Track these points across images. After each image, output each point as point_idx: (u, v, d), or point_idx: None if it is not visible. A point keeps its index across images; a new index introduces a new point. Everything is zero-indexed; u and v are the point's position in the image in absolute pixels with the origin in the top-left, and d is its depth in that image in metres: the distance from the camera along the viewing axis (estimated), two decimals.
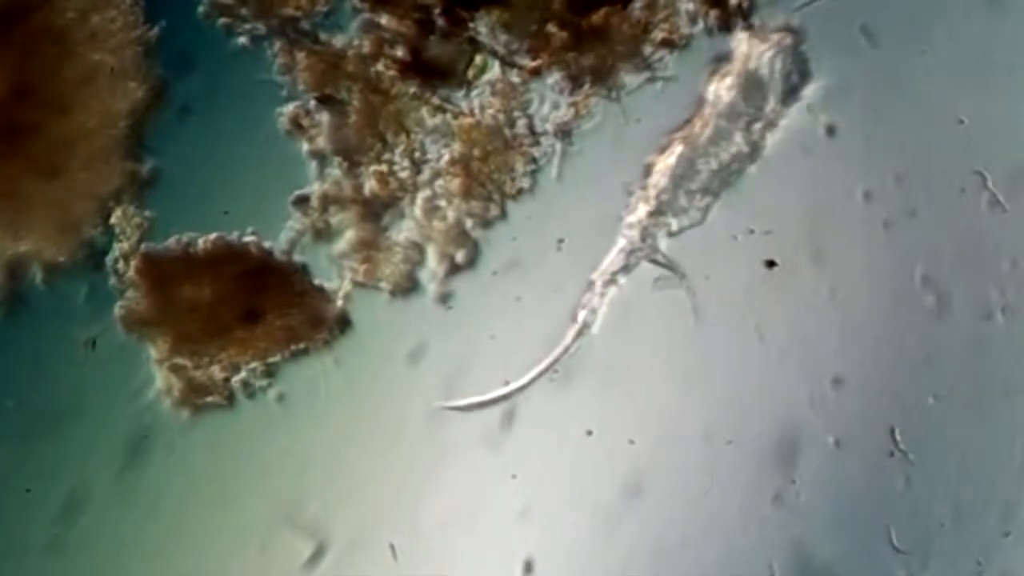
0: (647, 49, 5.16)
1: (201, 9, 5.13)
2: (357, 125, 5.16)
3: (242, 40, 5.14)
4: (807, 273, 5.16)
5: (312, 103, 5.15)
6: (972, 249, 5.16)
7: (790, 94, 5.16)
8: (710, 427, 5.12)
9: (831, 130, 5.18)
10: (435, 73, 5.17)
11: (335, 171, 5.17)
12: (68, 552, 5.01)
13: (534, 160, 5.19)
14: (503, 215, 5.19)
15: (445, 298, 5.16)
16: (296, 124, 5.15)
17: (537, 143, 5.19)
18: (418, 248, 5.18)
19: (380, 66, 5.15)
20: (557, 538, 5.12)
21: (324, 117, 5.15)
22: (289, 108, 5.15)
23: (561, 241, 5.16)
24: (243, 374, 5.11)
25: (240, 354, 5.10)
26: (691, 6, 5.18)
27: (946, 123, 5.17)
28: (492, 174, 5.18)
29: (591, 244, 5.19)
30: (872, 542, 5.12)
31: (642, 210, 5.14)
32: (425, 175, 5.18)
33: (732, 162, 5.14)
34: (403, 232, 5.18)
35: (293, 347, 5.12)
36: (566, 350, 5.11)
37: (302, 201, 5.16)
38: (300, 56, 5.14)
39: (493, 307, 5.16)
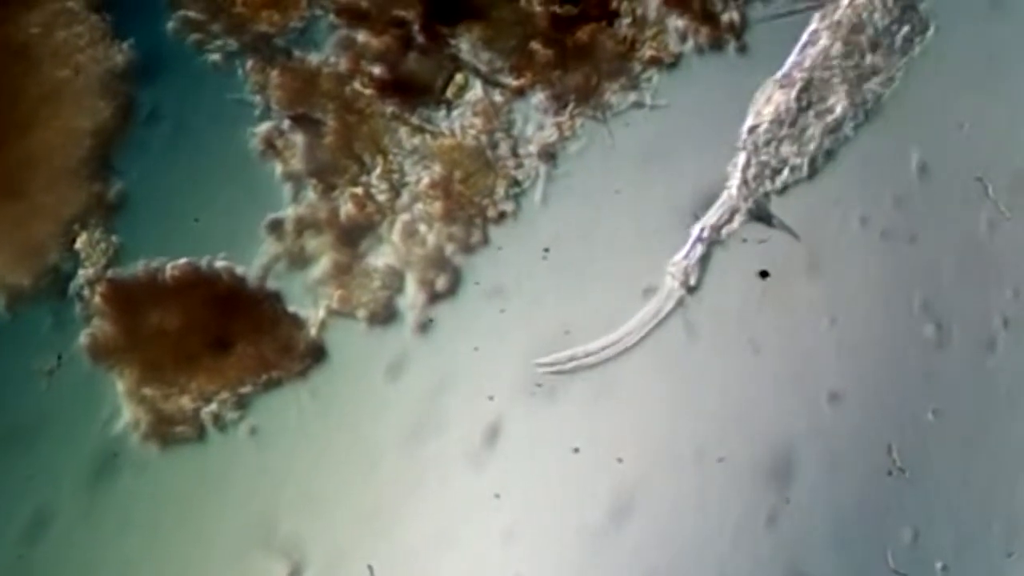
0: (634, 68, 5.03)
1: (171, 25, 5.04)
2: (333, 146, 5.05)
3: (213, 57, 5.04)
4: (802, 284, 5.08)
5: (286, 123, 5.05)
6: (973, 258, 5.10)
7: (902, 47, 5.03)
8: (701, 444, 5.02)
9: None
10: (414, 92, 5.07)
11: (310, 194, 5.06)
12: (33, 574, 4.87)
13: (517, 183, 5.08)
14: (485, 240, 5.07)
15: (425, 326, 5.01)
16: (269, 145, 5.05)
17: (520, 165, 5.09)
18: (397, 274, 5.06)
19: (357, 84, 5.05)
20: (542, 560, 5.00)
21: (298, 137, 5.05)
22: (262, 128, 5.05)
23: (547, 250, 5.03)
24: (214, 406, 4.98)
25: (210, 385, 4.97)
26: (681, 24, 5.06)
27: (945, 128, 5.09)
28: (474, 197, 5.07)
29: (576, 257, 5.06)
30: (869, 564, 5.02)
31: (741, 158, 5.03)
32: (404, 198, 5.08)
33: (838, 118, 5.01)
34: (381, 258, 5.07)
35: (266, 378, 4.99)
36: (670, 312, 5.00)
37: (276, 225, 5.05)
38: (274, 74, 5.04)
39: (476, 325, 5.04)
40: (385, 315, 5.03)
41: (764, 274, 5.06)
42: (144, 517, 4.91)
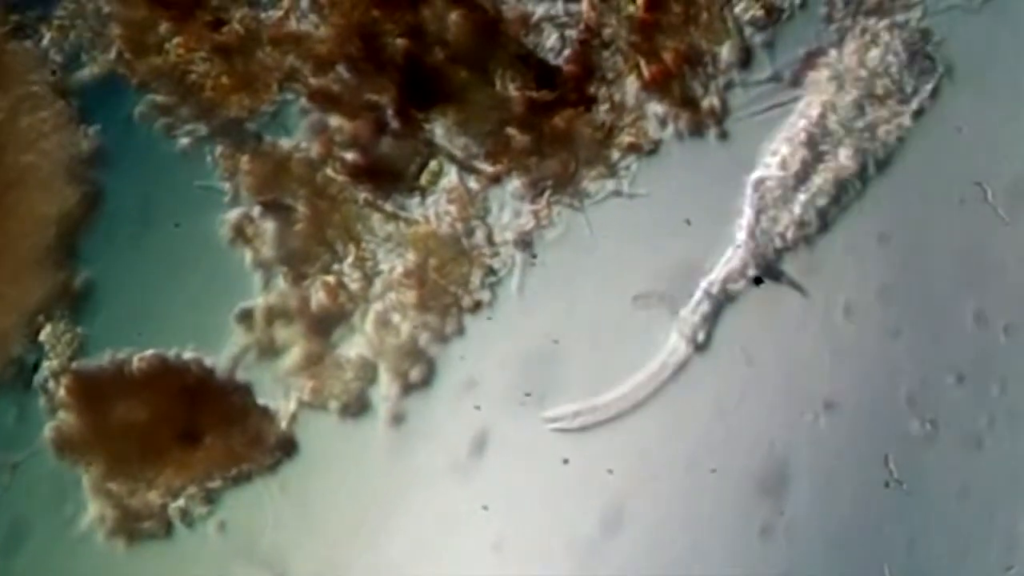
0: (613, 154, 4.95)
1: (138, 110, 4.97)
2: (304, 233, 4.97)
3: (182, 142, 4.96)
4: (796, 291, 4.99)
5: (256, 210, 4.98)
6: (972, 263, 5.01)
7: (910, 95, 4.96)
8: (693, 455, 4.96)
9: None
10: (388, 178, 4.99)
11: (281, 282, 4.98)
12: None
13: (493, 271, 4.98)
14: (460, 330, 4.98)
15: (398, 419, 4.92)
16: (239, 232, 4.97)
17: (496, 254, 4.99)
18: (369, 365, 4.97)
19: (329, 170, 4.97)
20: (531, 573, 4.94)
21: (269, 225, 4.97)
22: (232, 215, 4.98)
23: (534, 256, 4.95)
24: (181, 501, 4.90)
25: (178, 479, 4.89)
26: (660, 109, 4.96)
27: (944, 132, 5.01)
28: (448, 286, 4.98)
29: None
30: None
31: (750, 217, 4.97)
32: (377, 287, 4.99)
33: (847, 169, 4.95)
34: (353, 348, 4.98)
35: (235, 472, 4.92)
36: (677, 368, 4.94)
37: (246, 315, 4.97)
38: (244, 160, 4.97)
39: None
40: (357, 407, 4.95)
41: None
42: None
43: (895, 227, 5.01)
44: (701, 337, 4.95)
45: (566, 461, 4.94)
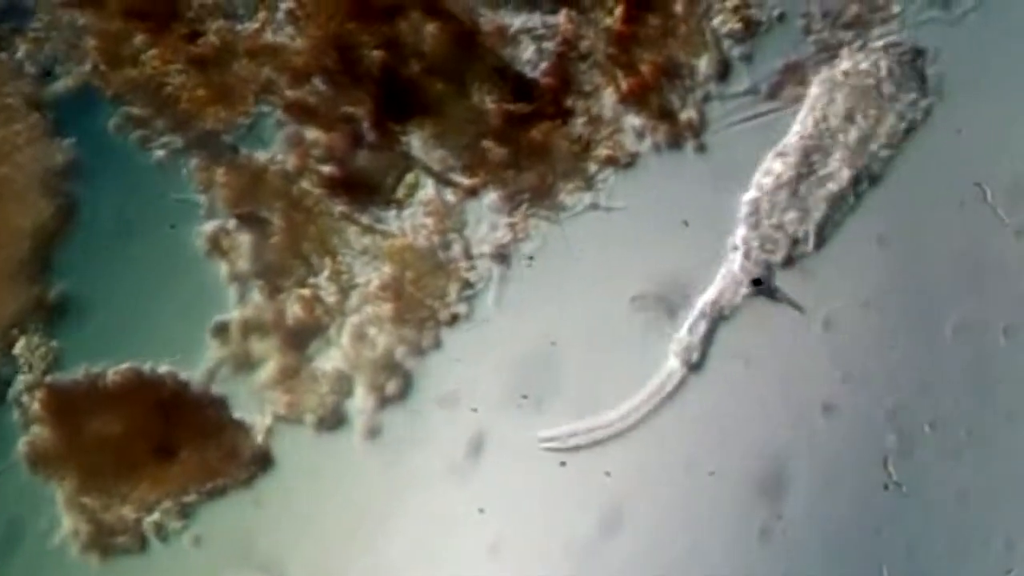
0: (590, 167, 4.92)
1: (113, 122, 4.94)
2: (280, 246, 4.95)
3: (157, 155, 4.93)
4: (795, 293, 4.96)
5: (232, 222, 4.95)
6: (971, 266, 4.98)
7: (904, 111, 4.94)
8: (691, 457, 4.94)
9: None
10: (364, 190, 4.97)
11: (256, 296, 4.95)
12: None
13: (470, 285, 4.96)
14: (437, 343, 4.96)
15: (374, 433, 4.89)
16: (215, 245, 4.95)
17: (473, 267, 4.97)
18: (345, 379, 4.94)
19: (305, 183, 4.95)
20: None
21: (245, 237, 4.95)
22: (207, 228, 4.95)
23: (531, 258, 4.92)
24: (156, 515, 4.87)
25: (153, 493, 4.86)
26: (638, 122, 4.94)
27: (943, 132, 4.98)
28: (425, 299, 4.95)
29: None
30: None
31: (743, 234, 4.94)
32: (353, 300, 4.97)
33: (842, 185, 4.92)
34: (329, 361, 4.95)
35: (210, 486, 4.89)
36: (667, 392, 4.91)
37: (221, 328, 4.95)
38: (219, 172, 4.94)
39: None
40: (333, 421, 4.92)
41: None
42: None
43: (894, 229, 4.99)
44: (695, 357, 4.92)
45: (563, 464, 4.92)
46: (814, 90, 4.96)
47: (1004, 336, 4.97)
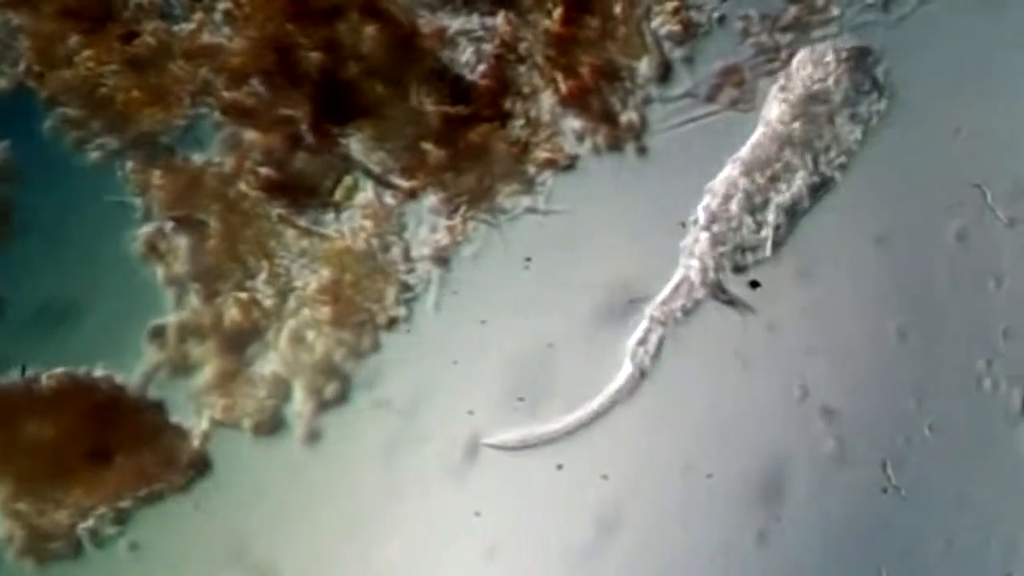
0: (529, 170, 4.90)
1: (48, 124, 4.87)
2: (217, 249, 4.91)
3: (93, 157, 4.88)
4: (792, 294, 4.97)
5: (169, 225, 4.90)
6: (970, 267, 4.98)
7: (859, 117, 4.94)
8: (689, 461, 4.92)
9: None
10: (302, 193, 4.93)
11: (193, 299, 4.91)
12: None
13: (409, 288, 4.93)
14: (376, 346, 4.93)
15: (313, 437, 4.85)
16: (151, 248, 4.90)
17: (412, 269, 4.95)
18: (284, 383, 4.91)
19: (243, 185, 4.91)
20: None
21: (182, 241, 4.90)
22: (144, 231, 4.90)
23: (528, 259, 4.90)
24: (91, 521, 4.82)
25: (88, 499, 4.80)
26: (577, 125, 4.92)
27: (942, 133, 4.99)
28: (364, 302, 4.93)
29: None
30: None
31: (699, 238, 4.92)
32: (291, 303, 4.93)
33: (799, 192, 4.92)
34: (267, 365, 4.92)
35: (146, 491, 4.84)
36: (620, 396, 4.89)
37: (158, 332, 4.89)
38: (156, 174, 4.89)
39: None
40: (271, 425, 4.89)
41: (754, 284, 4.94)
42: None
43: (893, 229, 4.98)
44: (649, 362, 4.91)
45: (560, 467, 4.90)
46: (767, 95, 4.96)
47: (1004, 338, 4.97)
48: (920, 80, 4.99)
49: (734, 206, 4.92)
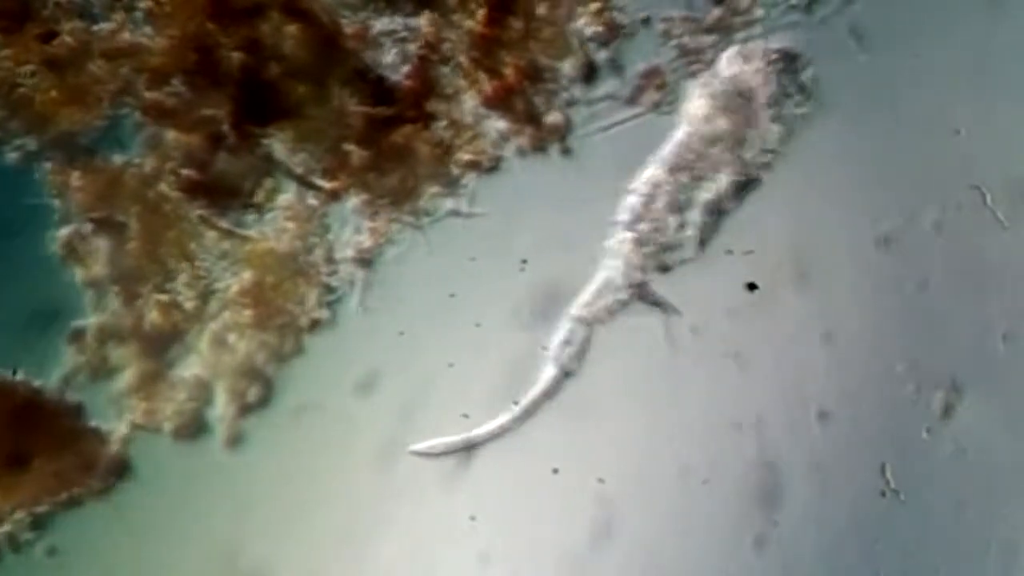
0: (452, 172, 4.88)
1: None
2: (137, 251, 4.87)
3: (11, 157, 4.83)
4: (791, 297, 4.95)
5: (88, 227, 4.85)
6: (970, 270, 4.98)
7: (784, 117, 4.94)
8: (685, 464, 4.90)
9: (816, 141, 4.96)
10: (224, 194, 4.89)
11: (114, 302, 4.87)
12: None
13: (332, 290, 4.91)
14: (300, 349, 4.89)
15: (235, 441, 4.81)
16: (70, 250, 4.85)
17: (335, 271, 4.91)
18: (205, 386, 4.88)
19: (163, 186, 4.86)
20: None
21: (101, 242, 4.86)
22: (62, 232, 4.85)
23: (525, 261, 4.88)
24: (8, 526, 4.76)
25: (5, 503, 4.75)
26: (501, 126, 4.91)
27: (941, 134, 4.99)
28: (286, 305, 4.90)
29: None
30: None
31: (622, 239, 4.90)
32: (213, 306, 4.90)
33: (723, 191, 4.91)
34: (188, 368, 4.89)
35: (65, 496, 4.79)
36: (544, 397, 4.87)
37: (77, 335, 4.85)
38: (75, 175, 4.84)
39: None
40: (193, 429, 4.85)
41: (752, 287, 4.93)
42: None
43: (892, 231, 4.97)
44: (574, 364, 4.90)
45: (556, 471, 4.87)
46: (690, 96, 4.96)
47: (1003, 342, 4.96)
48: (919, 78, 5.01)
49: (657, 206, 4.91)
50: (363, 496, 4.84)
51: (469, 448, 4.87)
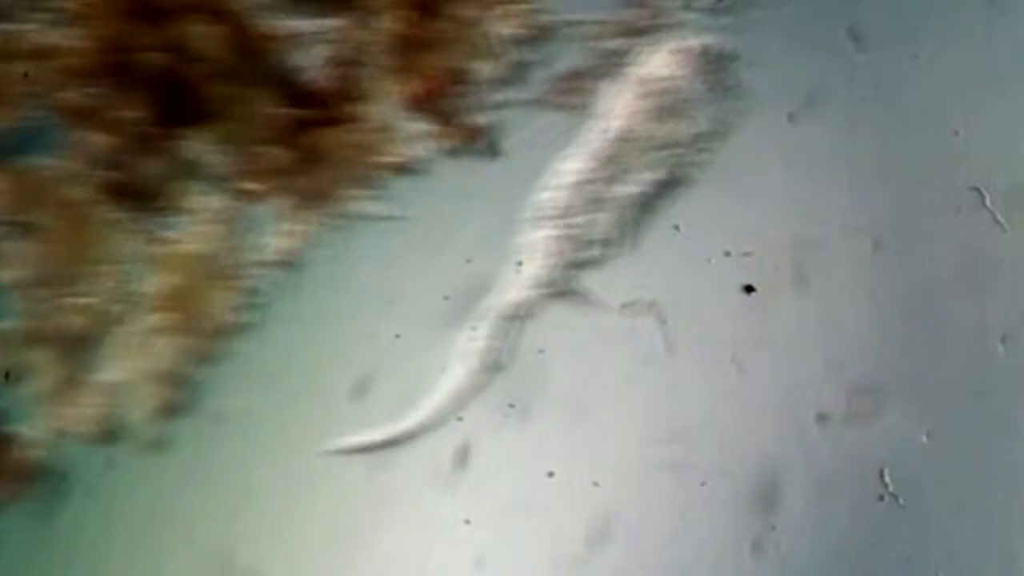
0: (374, 173, 4.88)
1: None
2: (56, 254, 4.83)
3: None
4: (789, 300, 4.95)
5: (3, 230, 4.82)
6: (969, 272, 4.98)
7: (709, 116, 4.94)
8: (682, 468, 4.89)
9: (814, 142, 4.97)
10: (144, 197, 4.85)
11: (31, 306, 4.82)
12: None
13: (254, 292, 4.90)
14: (221, 353, 4.88)
15: (156, 445, 4.77)
16: None
17: (257, 274, 4.90)
18: (125, 390, 4.84)
19: (82, 188, 4.82)
20: None
21: (17, 245, 4.82)
22: None
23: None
24: None
25: None
26: (424, 128, 4.93)
27: (940, 134, 4.99)
28: (208, 308, 4.88)
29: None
30: None
31: (541, 236, 4.91)
32: (132, 309, 4.86)
33: (643, 189, 4.92)
34: (108, 373, 4.84)
35: None
36: (465, 396, 4.86)
37: None
38: None
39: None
40: (113, 433, 4.81)
41: (749, 289, 4.93)
42: None
43: (890, 233, 4.98)
44: (493, 362, 4.90)
45: (551, 474, 4.86)
46: (611, 94, 4.97)
47: (1002, 344, 4.97)
48: (918, 78, 5.02)
49: (581, 202, 4.92)
50: (356, 499, 4.83)
51: (384, 446, 4.86)
